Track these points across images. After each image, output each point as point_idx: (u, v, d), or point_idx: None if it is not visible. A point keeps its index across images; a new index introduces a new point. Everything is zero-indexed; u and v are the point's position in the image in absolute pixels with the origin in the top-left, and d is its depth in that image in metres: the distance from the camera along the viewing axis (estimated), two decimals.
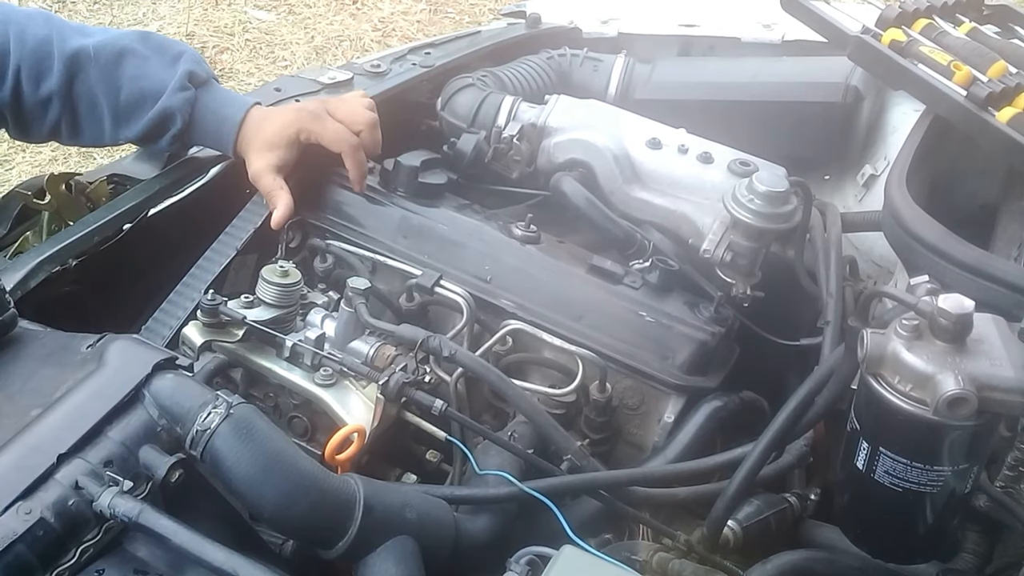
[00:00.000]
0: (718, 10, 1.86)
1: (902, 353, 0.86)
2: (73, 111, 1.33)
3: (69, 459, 0.82)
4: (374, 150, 1.37)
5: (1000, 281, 1.05)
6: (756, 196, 1.24)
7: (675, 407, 1.20)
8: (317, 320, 1.19)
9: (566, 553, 0.83)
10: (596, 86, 1.66)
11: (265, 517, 0.88)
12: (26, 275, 1.20)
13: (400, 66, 1.63)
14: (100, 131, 1.34)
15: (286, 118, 1.33)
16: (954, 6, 1.48)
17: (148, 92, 1.32)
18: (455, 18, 4.57)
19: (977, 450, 0.88)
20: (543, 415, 1.10)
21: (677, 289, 1.27)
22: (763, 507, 1.11)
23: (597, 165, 1.40)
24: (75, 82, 1.31)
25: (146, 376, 0.88)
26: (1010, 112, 1.24)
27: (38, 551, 0.77)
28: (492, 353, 1.23)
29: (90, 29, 1.35)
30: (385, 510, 0.92)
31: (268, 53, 4.14)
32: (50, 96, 1.31)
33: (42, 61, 1.30)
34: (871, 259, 1.50)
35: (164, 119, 1.32)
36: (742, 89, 1.62)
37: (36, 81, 1.30)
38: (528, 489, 1.00)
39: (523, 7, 1.89)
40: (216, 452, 0.85)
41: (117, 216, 1.33)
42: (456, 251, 1.30)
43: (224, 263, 1.29)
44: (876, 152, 1.57)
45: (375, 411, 1.09)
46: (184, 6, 4.32)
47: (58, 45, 1.30)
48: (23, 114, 1.33)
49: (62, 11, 4.26)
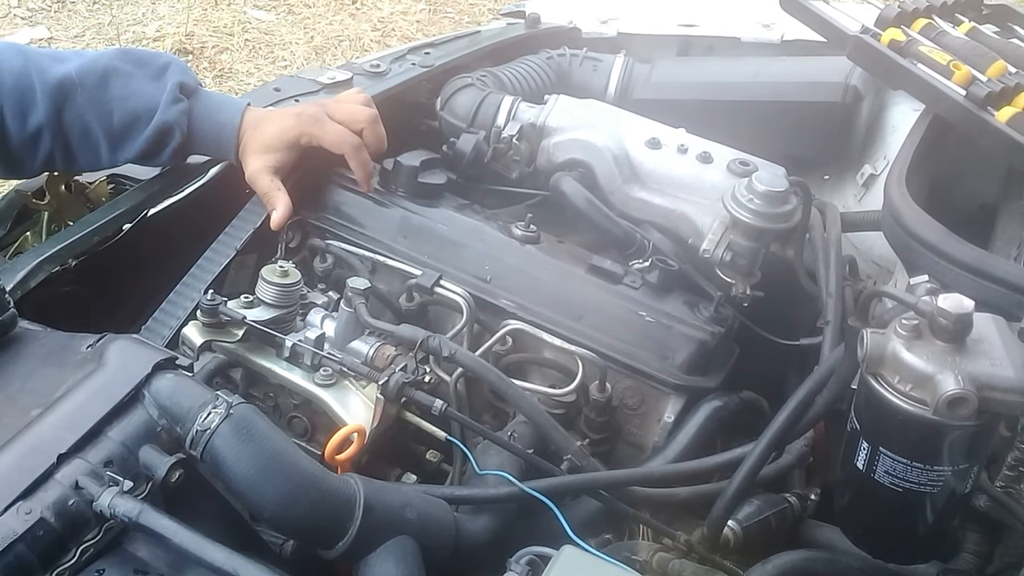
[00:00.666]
0: (717, 10, 1.86)
1: (902, 353, 0.86)
2: (65, 141, 1.29)
3: (69, 459, 0.82)
4: (379, 146, 1.35)
5: (1000, 281, 1.05)
6: (756, 196, 1.24)
7: (675, 407, 1.20)
8: (317, 320, 1.19)
9: (566, 553, 0.83)
10: (595, 86, 1.66)
11: (265, 517, 0.88)
12: (26, 275, 1.20)
13: (400, 66, 1.63)
14: (96, 157, 1.32)
15: (285, 122, 1.32)
16: (953, 6, 1.48)
17: (141, 110, 1.29)
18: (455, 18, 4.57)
19: (977, 450, 0.88)
20: (543, 415, 1.10)
21: (677, 289, 1.27)
22: (763, 507, 1.11)
23: (597, 165, 1.40)
24: (63, 112, 1.27)
25: (146, 376, 0.88)
26: (1009, 112, 1.24)
27: (38, 551, 0.77)
28: (492, 353, 1.23)
29: (64, 54, 1.32)
30: (385, 510, 0.92)
31: (267, 53, 4.14)
32: (39, 130, 1.27)
33: (24, 96, 1.25)
34: (871, 259, 1.50)
35: (162, 135, 1.30)
36: (742, 89, 1.62)
37: (22, 117, 1.26)
38: (528, 489, 1.00)
39: (522, 7, 1.89)
40: (216, 452, 0.85)
41: (117, 216, 1.32)
42: (456, 251, 1.30)
43: (224, 263, 1.29)
44: (875, 152, 1.57)
45: (375, 411, 1.09)
46: (184, 6, 4.32)
47: (38, 76, 1.26)
48: (12, 153, 1.29)
49: (61, 11, 4.26)
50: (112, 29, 4.13)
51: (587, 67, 1.68)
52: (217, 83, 3.87)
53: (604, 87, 1.66)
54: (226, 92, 3.64)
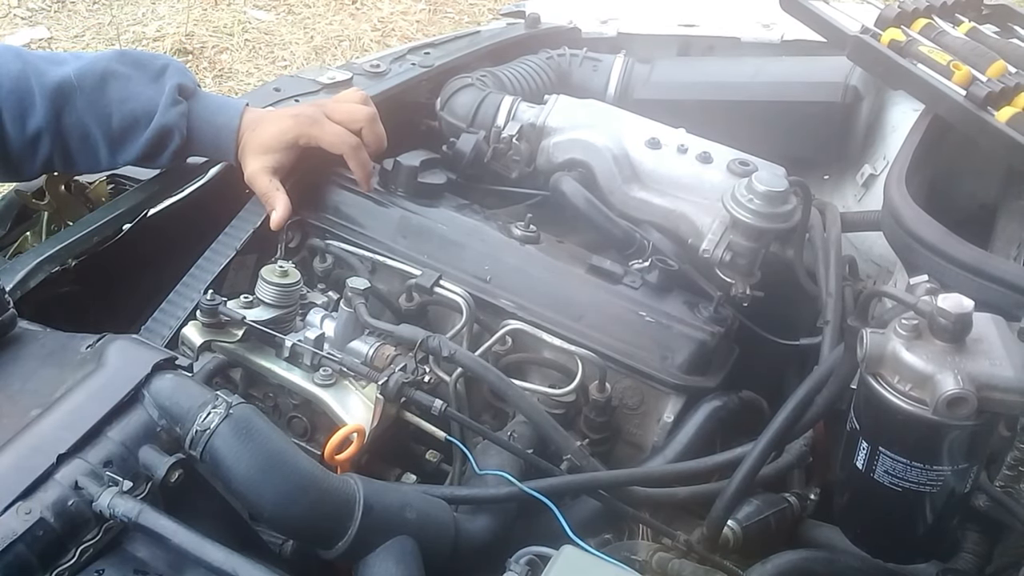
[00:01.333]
0: (717, 10, 1.86)
1: (902, 353, 0.86)
2: (64, 145, 1.29)
3: (69, 459, 0.82)
4: (378, 145, 1.35)
5: (1000, 281, 1.05)
6: (755, 196, 1.24)
7: (675, 407, 1.20)
8: (316, 320, 1.19)
9: (566, 553, 0.83)
10: (595, 86, 1.66)
11: (265, 517, 0.88)
12: (26, 275, 1.20)
13: (399, 66, 1.63)
14: (96, 160, 1.32)
15: (284, 123, 1.31)
16: (953, 6, 1.48)
17: (140, 113, 1.29)
18: (454, 18, 4.57)
19: (977, 450, 0.88)
20: (543, 415, 1.10)
21: (676, 289, 1.27)
22: (763, 507, 1.11)
23: (596, 165, 1.40)
24: (63, 115, 1.27)
25: (146, 376, 0.88)
26: (1009, 112, 1.24)
27: (38, 551, 0.77)
28: (492, 353, 1.23)
29: (62, 56, 1.32)
30: (385, 510, 0.92)
31: (267, 53, 4.14)
32: (38, 133, 1.27)
33: (23, 99, 1.25)
34: (871, 259, 1.50)
35: (161, 137, 1.30)
36: (741, 89, 1.62)
37: (21, 121, 1.26)
38: (528, 489, 1.00)
39: (522, 7, 1.89)
40: (216, 452, 0.85)
41: (117, 216, 1.32)
42: (456, 251, 1.30)
43: (223, 263, 1.29)
44: (875, 152, 1.57)
45: (375, 411, 1.09)
46: (183, 6, 4.32)
47: (36, 80, 1.25)
48: (11, 156, 1.28)
49: (61, 11, 4.26)
50: (112, 29, 4.13)
51: (587, 67, 1.68)
52: (217, 83, 3.87)
53: (604, 87, 1.66)
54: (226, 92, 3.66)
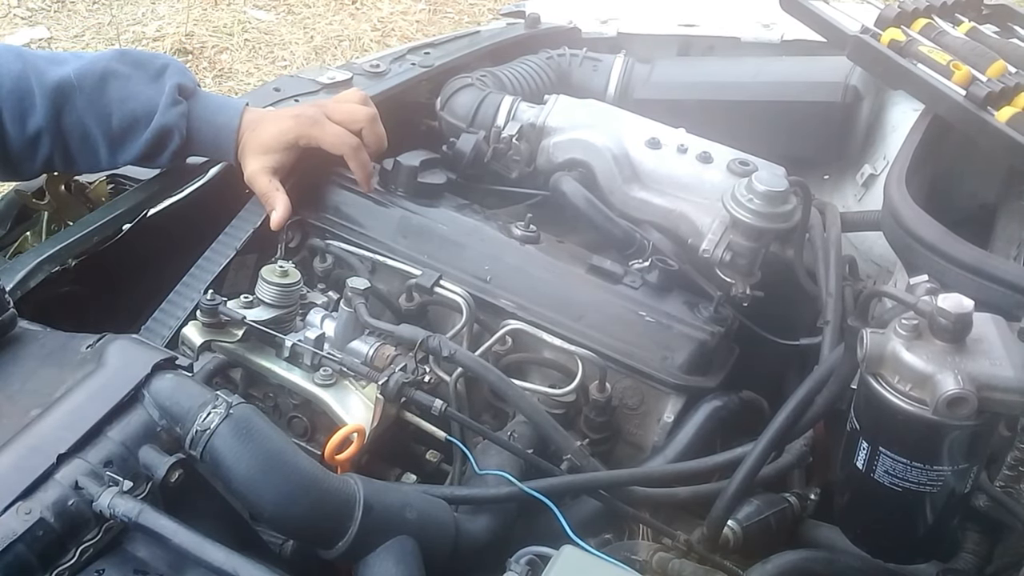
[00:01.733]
0: (717, 10, 1.86)
1: (902, 353, 0.86)
2: (64, 144, 1.29)
3: (69, 459, 0.82)
4: (379, 145, 1.35)
5: (1000, 281, 1.05)
6: (755, 196, 1.24)
7: (675, 407, 1.20)
8: (317, 320, 1.19)
9: (566, 553, 0.83)
10: (595, 86, 1.66)
11: (265, 517, 0.88)
12: (26, 275, 1.20)
13: (399, 66, 1.63)
14: (96, 159, 1.32)
15: (284, 124, 1.31)
16: (953, 6, 1.48)
17: (140, 113, 1.29)
18: (454, 18, 4.57)
19: (977, 450, 0.88)
20: (543, 415, 1.10)
21: (676, 289, 1.27)
22: (763, 507, 1.11)
23: (596, 165, 1.40)
24: (63, 114, 1.27)
25: (146, 376, 0.88)
26: (1009, 112, 1.24)
27: (38, 551, 0.77)
28: (492, 353, 1.23)
29: (62, 56, 1.32)
30: (385, 510, 0.92)
31: (267, 53, 4.14)
32: (38, 133, 1.27)
33: (23, 99, 1.25)
34: (871, 259, 1.50)
35: (161, 137, 1.30)
36: (742, 89, 1.62)
37: (21, 120, 1.26)
38: (528, 489, 1.00)
39: (522, 7, 1.89)
40: (216, 452, 0.85)
41: (117, 216, 1.32)
42: (456, 251, 1.30)
43: (224, 263, 1.29)
44: (875, 152, 1.57)
45: (375, 411, 1.09)
46: (183, 6, 4.32)
47: (36, 79, 1.25)
48: (11, 155, 1.29)
49: (61, 11, 4.26)
50: (112, 29, 4.13)
51: (587, 67, 1.68)
52: (217, 83, 3.87)
53: (604, 87, 1.66)
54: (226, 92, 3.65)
